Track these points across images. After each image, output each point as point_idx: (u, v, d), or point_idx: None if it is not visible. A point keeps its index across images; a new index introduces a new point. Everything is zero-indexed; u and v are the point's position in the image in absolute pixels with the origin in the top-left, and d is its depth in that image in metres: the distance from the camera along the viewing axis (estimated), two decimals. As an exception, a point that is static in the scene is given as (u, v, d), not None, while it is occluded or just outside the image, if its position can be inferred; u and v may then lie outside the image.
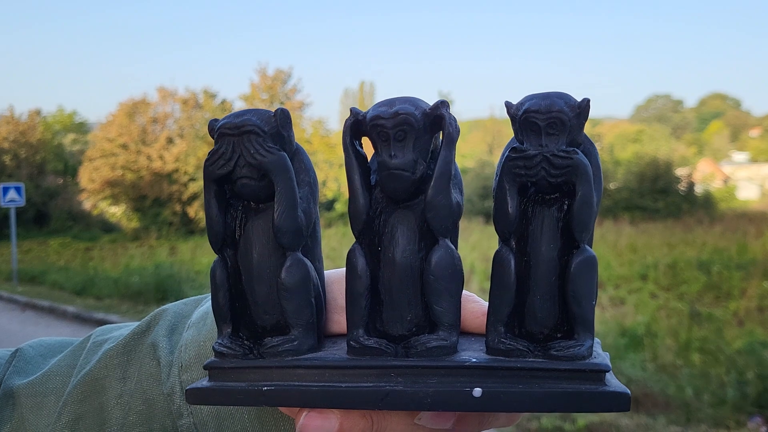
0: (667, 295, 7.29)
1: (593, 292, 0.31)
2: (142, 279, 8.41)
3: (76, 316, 7.71)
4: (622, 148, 26.80)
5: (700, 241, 10.92)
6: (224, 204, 0.34)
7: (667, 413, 3.69)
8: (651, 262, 9.15)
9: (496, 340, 0.31)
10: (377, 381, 0.31)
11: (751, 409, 3.52)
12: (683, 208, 17.62)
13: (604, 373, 0.30)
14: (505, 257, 0.31)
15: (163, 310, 0.48)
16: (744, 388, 3.65)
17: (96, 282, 9.18)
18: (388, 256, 0.32)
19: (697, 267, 8.48)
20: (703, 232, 12.40)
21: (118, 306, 8.01)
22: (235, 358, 0.34)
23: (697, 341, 4.55)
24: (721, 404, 3.63)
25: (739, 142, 50.80)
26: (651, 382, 3.96)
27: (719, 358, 4.21)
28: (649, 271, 8.61)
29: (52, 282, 10.14)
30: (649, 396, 3.89)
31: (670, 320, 5.44)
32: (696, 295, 7.21)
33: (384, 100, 0.33)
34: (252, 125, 0.32)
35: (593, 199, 0.31)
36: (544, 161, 0.30)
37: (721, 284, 7.53)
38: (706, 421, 3.55)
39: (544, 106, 0.30)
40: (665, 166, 19.08)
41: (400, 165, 0.31)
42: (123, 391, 0.43)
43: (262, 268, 0.34)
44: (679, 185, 18.99)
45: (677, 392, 3.84)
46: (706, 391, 3.79)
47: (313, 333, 0.34)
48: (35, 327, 7.35)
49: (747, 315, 5.94)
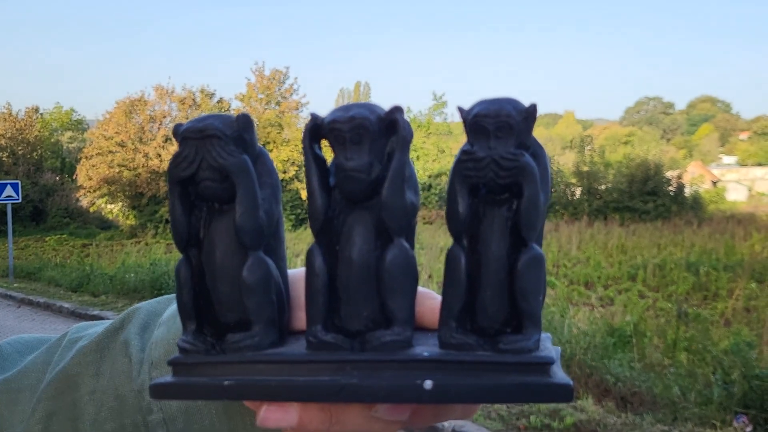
0: (656, 295, 7.35)
1: (541, 288, 0.32)
2: (138, 276, 8.38)
3: (72, 312, 7.68)
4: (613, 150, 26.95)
5: (688, 243, 11.01)
6: (188, 205, 0.35)
7: (653, 412, 3.72)
8: (640, 262, 9.22)
9: (447, 335, 0.33)
10: (334, 375, 0.32)
11: (737, 408, 3.55)
12: (672, 209, 17.75)
13: (549, 365, 0.31)
14: (456, 255, 0.33)
15: (136, 308, 0.49)
16: (730, 387, 3.69)
17: (92, 279, 9.14)
18: (346, 255, 0.34)
19: (686, 268, 8.55)
20: (691, 234, 12.50)
21: (114, 303, 7.98)
22: (198, 354, 0.35)
23: (685, 341, 4.59)
24: (707, 403, 3.67)
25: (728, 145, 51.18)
26: (638, 382, 3.99)
27: (706, 357, 4.25)
28: (638, 272, 8.67)
29: (49, 278, 10.09)
30: (636, 395, 3.92)
31: (658, 320, 5.48)
32: (684, 295, 7.27)
33: (341, 106, 0.34)
34: (214, 129, 0.34)
35: (540, 200, 0.32)
36: (492, 163, 0.32)
37: (709, 285, 7.60)
38: (692, 420, 3.58)
39: (493, 111, 0.32)
40: (655, 168, 19.21)
41: (356, 167, 0.33)
42: (96, 388, 0.44)
43: (225, 267, 0.35)
44: (668, 187, 19.13)
45: (664, 391, 3.87)
46: (692, 390, 3.83)
47: (274, 329, 0.35)
48: (31, 323, 7.31)
49: (734, 315, 6.00)
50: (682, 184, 19.26)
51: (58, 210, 22.04)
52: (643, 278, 8.33)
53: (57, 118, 28.86)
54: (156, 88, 21.72)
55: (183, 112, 21.47)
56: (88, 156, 20.98)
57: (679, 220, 15.45)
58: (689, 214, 16.95)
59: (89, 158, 20.88)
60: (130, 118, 21.13)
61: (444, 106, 30.13)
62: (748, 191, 33.01)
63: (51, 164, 24.06)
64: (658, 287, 7.82)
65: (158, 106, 21.65)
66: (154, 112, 21.50)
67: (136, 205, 20.89)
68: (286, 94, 21.92)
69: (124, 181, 20.42)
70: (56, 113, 29.17)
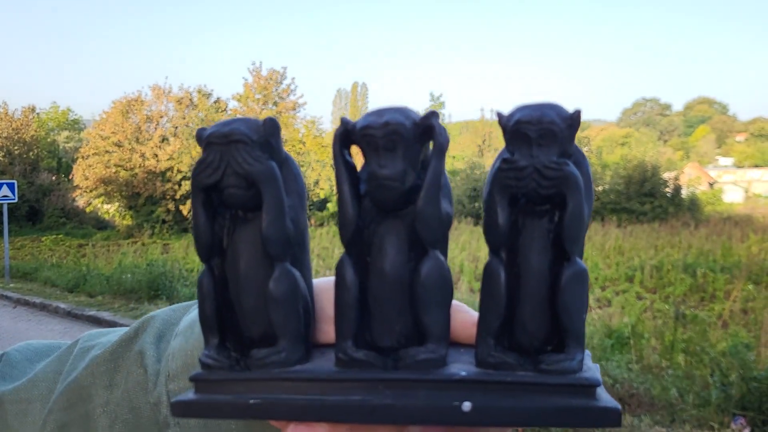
0: (653, 296, 7.36)
1: (584, 304, 0.31)
2: (135, 276, 8.34)
3: (68, 312, 7.64)
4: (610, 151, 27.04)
5: (685, 244, 11.05)
6: (212, 213, 0.34)
7: (651, 414, 3.72)
8: (637, 264, 9.24)
9: (485, 353, 0.31)
10: (365, 394, 0.31)
11: (735, 410, 3.56)
12: (669, 211, 17.82)
13: (595, 388, 0.30)
14: (495, 269, 0.31)
15: (151, 316, 0.48)
16: (728, 389, 3.69)
17: (88, 279, 9.10)
18: (378, 267, 0.32)
19: (683, 269, 8.58)
20: (688, 235, 12.54)
21: (111, 303, 7.94)
22: (222, 371, 0.33)
23: (682, 343, 4.59)
24: (705, 405, 3.67)
25: (725, 146, 51.44)
26: (636, 383, 3.99)
27: (703, 359, 4.25)
28: (636, 273, 8.69)
29: (45, 279, 10.05)
30: (634, 396, 3.92)
31: (656, 321, 5.49)
32: (681, 296, 7.29)
33: (374, 110, 0.32)
34: (240, 134, 0.32)
35: (584, 211, 0.30)
36: (535, 172, 0.30)
37: (706, 286, 7.62)
38: (690, 421, 3.59)
39: (536, 117, 0.30)
40: (652, 169, 19.28)
41: (390, 175, 0.31)
42: (109, 399, 0.43)
43: (250, 278, 0.33)
44: (665, 188, 19.20)
45: (662, 393, 3.87)
46: (690, 392, 3.83)
47: (300, 344, 0.33)
48: (27, 323, 7.27)
49: (731, 317, 6.02)
50: (679, 186, 19.33)
51: (54, 210, 21.97)
52: (641, 280, 8.34)
53: (53, 118, 28.77)
54: (153, 88, 21.66)
55: (180, 112, 21.42)
56: (85, 156, 20.92)
57: (676, 222, 15.51)
58: (686, 215, 17.02)
59: (86, 158, 20.82)
60: (127, 117, 21.07)
61: (441, 107, 30.19)
62: (745, 193, 33.17)
63: (47, 164, 23.99)
64: (656, 289, 7.84)
65: (155, 106, 21.60)
66: (151, 112, 21.45)
67: (132, 206, 20.84)
68: (283, 94, 21.91)
69: (121, 181, 20.36)
70: (53, 113, 29.08)
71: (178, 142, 20.44)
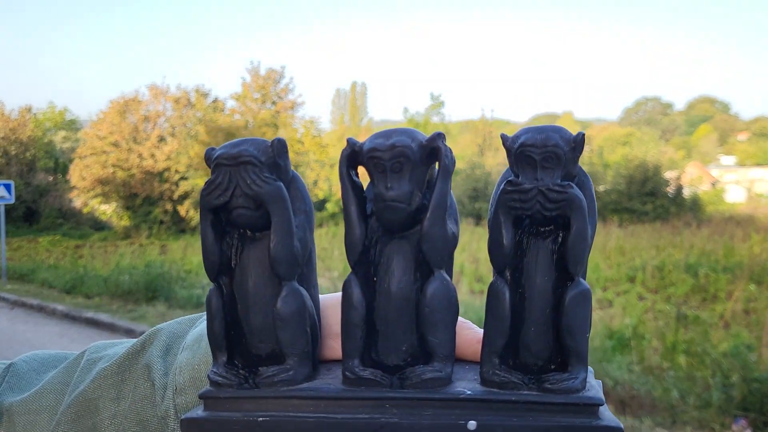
0: (655, 297, 7.35)
1: (587, 324, 0.31)
2: (133, 278, 8.33)
3: (66, 314, 7.63)
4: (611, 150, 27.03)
5: (687, 244, 11.03)
6: (220, 233, 0.34)
7: (653, 415, 3.72)
8: (639, 264, 9.23)
9: (490, 372, 0.32)
10: (372, 412, 0.31)
11: (736, 411, 3.56)
12: (671, 210, 17.79)
13: (598, 407, 0.30)
14: (500, 289, 0.32)
15: (157, 330, 0.48)
16: (729, 390, 3.69)
17: (86, 280, 9.08)
18: (384, 287, 0.33)
19: (685, 269, 8.56)
20: (690, 235, 12.52)
21: (108, 305, 7.93)
22: (231, 388, 0.34)
23: (684, 343, 4.59)
24: (707, 406, 3.67)
25: (727, 145, 51.35)
26: (637, 384, 3.99)
27: (705, 360, 4.24)
28: (637, 273, 8.68)
29: (42, 280, 10.03)
30: (635, 398, 3.92)
31: (657, 322, 5.49)
32: (683, 297, 7.29)
33: (381, 132, 0.33)
34: (249, 156, 0.33)
35: (588, 233, 0.31)
36: (540, 195, 0.31)
37: (708, 287, 7.61)
38: (692, 423, 3.59)
39: (540, 140, 0.31)
40: (654, 169, 19.25)
41: (397, 197, 0.31)
42: (117, 412, 0.43)
43: (258, 297, 0.34)
44: (667, 188, 19.17)
45: (663, 394, 3.87)
46: (691, 393, 3.83)
47: (308, 362, 0.34)
48: (24, 325, 7.26)
49: (733, 318, 6.01)
50: (680, 186, 19.30)
51: (51, 211, 21.96)
52: (642, 280, 8.33)
53: (50, 118, 28.75)
54: (150, 87, 21.65)
55: (177, 112, 21.40)
56: (82, 156, 20.89)
57: (678, 222, 15.48)
58: (688, 215, 16.99)
59: (83, 158, 20.79)
60: (124, 117, 21.05)
61: (441, 106, 30.15)
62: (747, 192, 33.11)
63: (44, 164, 23.97)
64: (657, 289, 7.83)
65: (152, 106, 21.58)
66: (148, 112, 21.42)
67: (130, 206, 20.81)
68: (281, 93, 21.87)
69: (118, 182, 20.33)
70: (49, 113, 29.07)
71: (176, 142, 20.42)
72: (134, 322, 6.68)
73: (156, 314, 6.95)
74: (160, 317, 6.68)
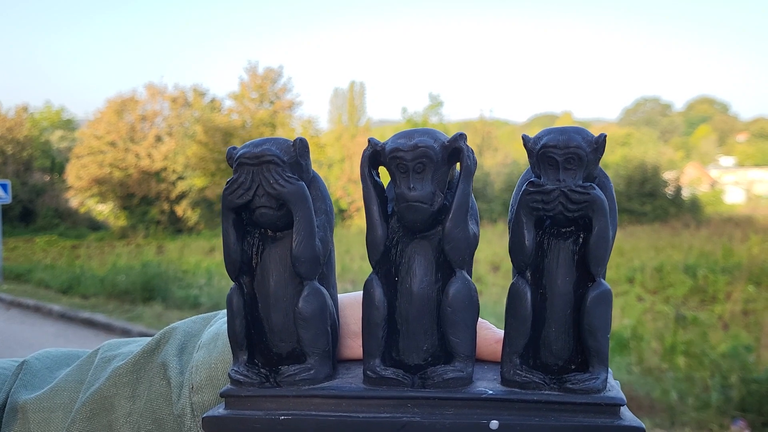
0: (653, 298, 7.36)
1: (608, 325, 0.31)
2: (129, 278, 8.31)
3: (62, 314, 7.61)
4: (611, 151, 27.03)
5: (686, 245, 11.04)
6: (242, 232, 0.35)
7: (651, 416, 3.73)
8: (638, 265, 9.23)
9: (511, 372, 0.32)
10: (394, 412, 0.32)
11: (735, 412, 3.56)
12: (670, 211, 17.81)
13: (619, 407, 0.30)
14: (521, 289, 0.32)
15: (172, 328, 0.48)
16: (728, 391, 3.70)
17: (82, 280, 9.06)
18: (405, 287, 0.33)
19: (684, 270, 8.57)
20: (689, 236, 12.53)
21: (105, 305, 7.91)
22: (252, 386, 0.34)
23: (683, 345, 4.60)
24: (706, 408, 3.68)
25: (726, 146, 51.38)
26: (636, 386, 4.00)
27: (704, 361, 4.25)
28: (636, 274, 8.68)
29: (38, 280, 10.00)
30: (634, 399, 3.93)
31: (656, 323, 5.49)
32: (682, 298, 7.29)
33: (403, 132, 0.33)
34: (271, 155, 0.33)
35: (609, 234, 0.31)
36: (562, 196, 0.31)
37: (707, 288, 7.62)
38: (690, 424, 3.59)
39: (562, 141, 0.31)
40: (653, 169, 19.28)
41: (419, 197, 0.32)
42: (132, 410, 0.43)
43: (279, 296, 0.34)
44: (666, 189, 19.19)
45: (662, 395, 3.88)
46: (690, 394, 3.84)
47: (328, 361, 0.34)
48: (21, 325, 7.24)
49: (732, 319, 6.02)
50: (679, 186, 19.33)
51: (48, 210, 21.90)
52: (641, 281, 8.34)
53: (47, 117, 28.67)
54: (148, 86, 21.61)
55: (175, 111, 21.36)
56: (79, 155, 20.82)
57: (677, 222, 15.49)
58: (687, 216, 17.00)
59: (79, 158, 20.73)
60: (121, 117, 20.99)
61: (440, 106, 30.14)
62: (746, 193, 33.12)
63: (41, 164, 23.90)
64: (656, 290, 7.84)
65: (150, 105, 21.52)
66: (145, 112, 21.37)
67: (126, 206, 20.75)
68: (279, 93, 21.83)
69: (115, 182, 20.28)
70: (46, 112, 28.99)
71: (173, 141, 20.37)
72: (131, 323, 6.65)
73: (152, 315, 6.93)
74: (156, 318, 6.66)
